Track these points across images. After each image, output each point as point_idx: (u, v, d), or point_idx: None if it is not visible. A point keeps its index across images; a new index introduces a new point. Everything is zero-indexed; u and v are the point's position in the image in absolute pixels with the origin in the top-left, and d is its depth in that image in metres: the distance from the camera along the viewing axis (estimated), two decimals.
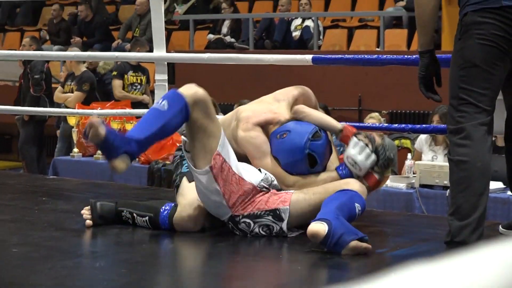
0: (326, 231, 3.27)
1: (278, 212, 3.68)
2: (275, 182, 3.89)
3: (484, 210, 3.25)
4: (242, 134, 3.94)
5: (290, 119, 3.97)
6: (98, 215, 3.77)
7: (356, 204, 3.69)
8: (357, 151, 3.80)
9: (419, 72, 3.61)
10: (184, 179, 4.03)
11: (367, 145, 3.82)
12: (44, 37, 13.72)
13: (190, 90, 3.65)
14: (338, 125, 4.04)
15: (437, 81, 3.61)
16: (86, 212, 3.79)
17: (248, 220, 3.66)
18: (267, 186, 3.79)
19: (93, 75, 10.03)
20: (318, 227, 3.31)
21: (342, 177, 3.88)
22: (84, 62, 10.01)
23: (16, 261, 3.35)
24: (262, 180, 3.78)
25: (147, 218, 3.80)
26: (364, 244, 3.41)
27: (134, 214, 3.85)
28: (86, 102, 9.19)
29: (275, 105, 4.07)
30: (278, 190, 3.87)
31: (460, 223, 3.18)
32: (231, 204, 3.63)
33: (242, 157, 3.94)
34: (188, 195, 3.89)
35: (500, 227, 3.76)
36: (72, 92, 9.62)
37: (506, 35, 3.21)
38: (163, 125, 3.57)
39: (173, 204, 3.82)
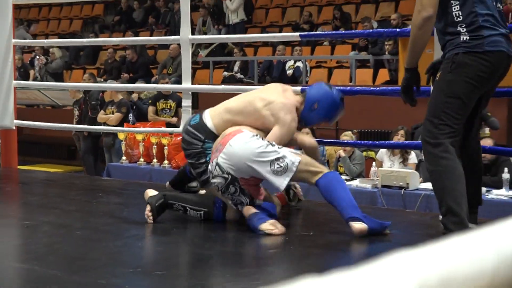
0: (367, 229, 3.30)
1: None
2: None
3: (466, 207, 3.22)
4: (288, 119, 3.64)
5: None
6: (157, 213, 3.60)
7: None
8: None
9: (403, 83, 3.47)
10: None
11: None
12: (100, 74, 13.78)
13: None
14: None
15: (417, 89, 3.47)
16: (148, 213, 3.59)
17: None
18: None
19: (128, 101, 10.08)
20: (362, 227, 3.28)
21: None
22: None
23: (79, 241, 3.35)
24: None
25: (202, 212, 3.66)
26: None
27: (187, 208, 3.67)
28: (121, 122, 9.32)
29: (287, 93, 3.85)
30: None
31: (454, 219, 3.15)
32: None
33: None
34: None
35: (441, 216, 3.58)
36: (113, 114, 9.67)
37: (485, 75, 3.19)
38: None
39: (221, 200, 3.66)
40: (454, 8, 3.22)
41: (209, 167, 3.59)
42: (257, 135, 3.57)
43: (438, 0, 3.19)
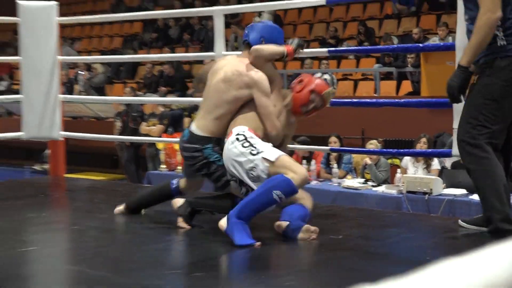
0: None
1: None
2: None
3: (510, 205, 3.24)
4: (255, 77, 3.52)
5: None
6: (190, 221, 3.56)
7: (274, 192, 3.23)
8: None
9: (458, 81, 3.28)
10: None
11: None
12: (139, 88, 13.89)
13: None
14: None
15: (463, 93, 3.36)
16: (182, 224, 3.55)
17: None
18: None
19: (169, 113, 10.16)
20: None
21: None
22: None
23: (123, 245, 3.40)
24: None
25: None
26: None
27: (214, 212, 3.63)
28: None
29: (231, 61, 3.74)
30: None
31: (499, 216, 3.17)
32: None
33: None
34: None
35: (460, 220, 3.61)
36: (155, 126, 9.76)
37: None
38: None
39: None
40: None
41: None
42: (240, 134, 3.41)
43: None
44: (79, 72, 14.35)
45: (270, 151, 3.34)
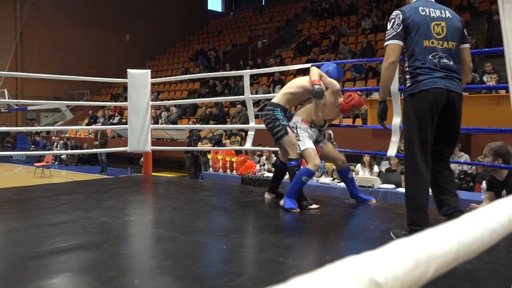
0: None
1: None
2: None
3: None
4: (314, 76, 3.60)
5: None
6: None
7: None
8: None
9: (379, 112, 2.74)
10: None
11: None
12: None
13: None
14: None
15: (384, 119, 2.77)
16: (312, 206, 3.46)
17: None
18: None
19: (215, 137, 10.15)
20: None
21: None
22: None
23: (186, 217, 3.31)
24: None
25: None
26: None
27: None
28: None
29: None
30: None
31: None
32: None
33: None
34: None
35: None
36: (207, 144, 9.76)
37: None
38: None
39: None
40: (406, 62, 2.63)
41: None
42: (294, 123, 3.60)
43: (400, 51, 2.57)
44: (162, 112, 14.42)
45: (303, 142, 3.51)
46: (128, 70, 5.66)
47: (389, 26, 2.59)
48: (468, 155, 7.22)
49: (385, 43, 2.59)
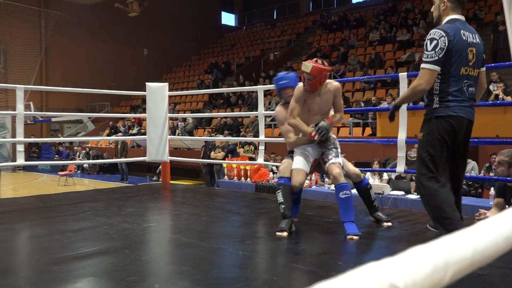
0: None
1: None
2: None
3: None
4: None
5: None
6: (289, 229, 2.90)
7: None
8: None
9: (392, 111, 2.68)
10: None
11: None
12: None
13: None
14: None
15: (393, 118, 2.71)
16: (282, 234, 2.85)
17: None
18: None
19: (229, 146, 10.16)
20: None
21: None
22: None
23: (204, 223, 3.30)
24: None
25: None
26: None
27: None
28: (223, 158, 9.48)
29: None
30: None
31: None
32: None
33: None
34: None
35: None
36: (220, 153, 9.77)
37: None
38: None
39: None
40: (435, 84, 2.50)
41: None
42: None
43: (435, 77, 2.44)
44: (179, 123, 14.50)
45: (295, 161, 3.12)
46: (146, 83, 5.69)
47: (429, 47, 2.40)
48: (475, 162, 7.11)
49: (424, 65, 2.41)
